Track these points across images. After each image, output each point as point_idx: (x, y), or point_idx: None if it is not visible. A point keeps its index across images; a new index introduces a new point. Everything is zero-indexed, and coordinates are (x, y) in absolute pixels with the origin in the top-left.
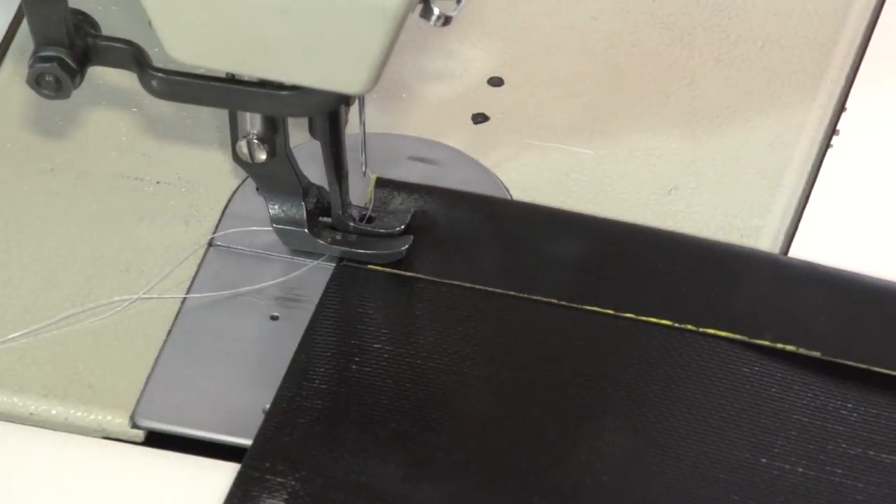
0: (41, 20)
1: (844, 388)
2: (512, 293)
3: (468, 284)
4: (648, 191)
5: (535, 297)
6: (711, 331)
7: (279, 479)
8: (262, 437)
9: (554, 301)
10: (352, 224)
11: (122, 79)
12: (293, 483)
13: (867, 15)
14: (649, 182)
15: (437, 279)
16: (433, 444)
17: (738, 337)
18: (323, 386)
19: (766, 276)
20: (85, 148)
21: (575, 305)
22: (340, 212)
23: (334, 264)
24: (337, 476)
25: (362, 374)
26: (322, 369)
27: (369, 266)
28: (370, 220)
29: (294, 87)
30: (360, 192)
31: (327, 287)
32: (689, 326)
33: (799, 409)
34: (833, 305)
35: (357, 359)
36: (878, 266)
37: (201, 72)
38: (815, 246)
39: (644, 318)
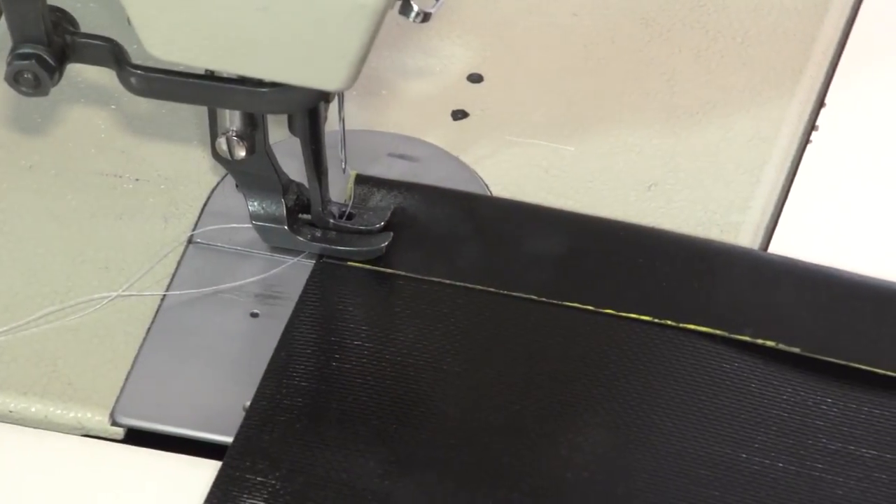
0: (19, 17)
1: (824, 383)
2: (492, 290)
3: (448, 281)
4: (628, 187)
5: (515, 294)
6: (692, 326)
7: (259, 478)
8: (243, 435)
9: (534, 297)
10: (331, 221)
11: (101, 76)
12: (273, 482)
13: (846, 10)
14: (629, 178)
15: (417, 276)
16: (414, 441)
17: (718, 332)
18: (303, 383)
19: (746, 272)
20: (64, 145)
21: (555, 302)
22: (320, 209)
23: (314, 261)
24: (317, 474)
25: (342, 372)
26: (302, 366)
27: (349, 263)
28: (350, 216)
29: (273, 84)
30: (339, 189)
31: (307, 284)
32: (670, 322)
33: (779, 404)
34: (813, 301)
35: (337, 356)
36: (857, 262)
37: (180, 69)
38: (794, 241)
39: (624, 315)
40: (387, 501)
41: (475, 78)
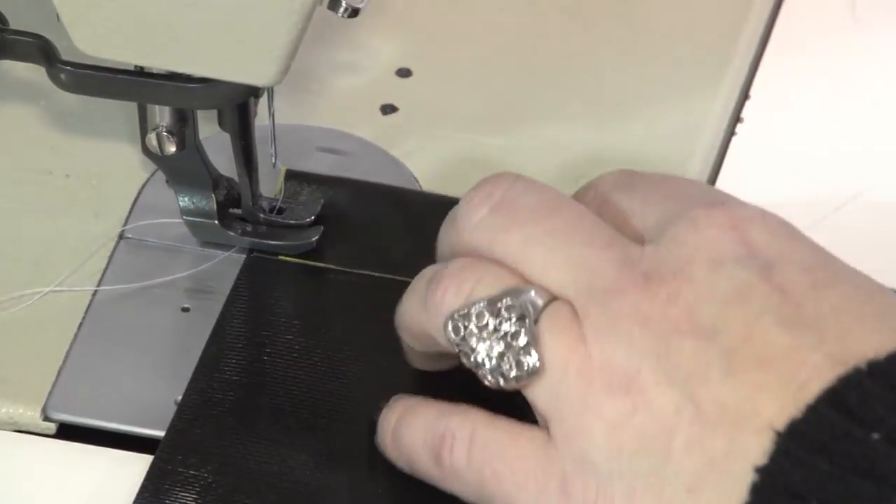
0: None
1: None
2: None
3: (378, 274)
4: (556, 180)
5: None
6: None
7: (192, 472)
8: (174, 429)
9: None
10: (262, 215)
11: (30, 72)
12: (206, 475)
13: (769, 5)
14: (557, 171)
15: (348, 269)
16: (345, 434)
17: None
18: (234, 377)
19: None
20: None
21: None
22: (251, 203)
23: (245, 255)
24: (250, 467)
25: (274, 366)
26: (233, 361)
27: (280, 257)
28: (280, 211)
29: (202, 80)
30: (270, 184)
31: (238, 278)
32: None
33: None
34: None
35: (269, 350)
36: None
37: (110, 65)
38: None
39: None
40: (319, 494)
41: (404, 72)
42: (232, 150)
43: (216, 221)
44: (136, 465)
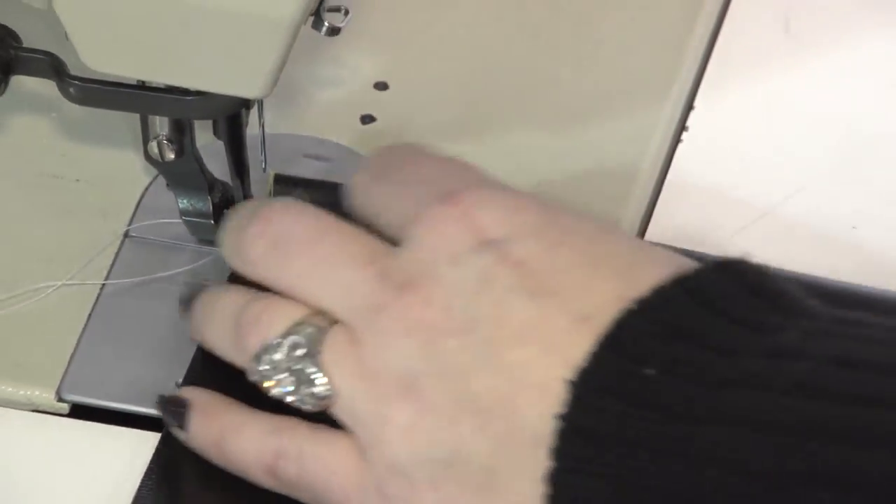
0: None
1: None
2: None
3: None
4: (518, 183)
5: None
6: None
7: (195, 451)
8: None
9: None
10: None
11: (43, 87)
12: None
13: (711, 24)
14: (518, 175)
15: None
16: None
17: None
18: (227, 363)
19: None
20: (10, 150)
21: None
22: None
23: None
24: None
25: None
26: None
27: None
28: None
29: (198, 93)
30: (260, 187)
31: (231, 272)
32: None
33: None
34: None
35: None
36: (724, 245)
37: (114, 79)
38: (668, 229)
39: None
40: None
41: (381, 86)
42: (226, 156)
43: (212, 221)
44: (142, 442)
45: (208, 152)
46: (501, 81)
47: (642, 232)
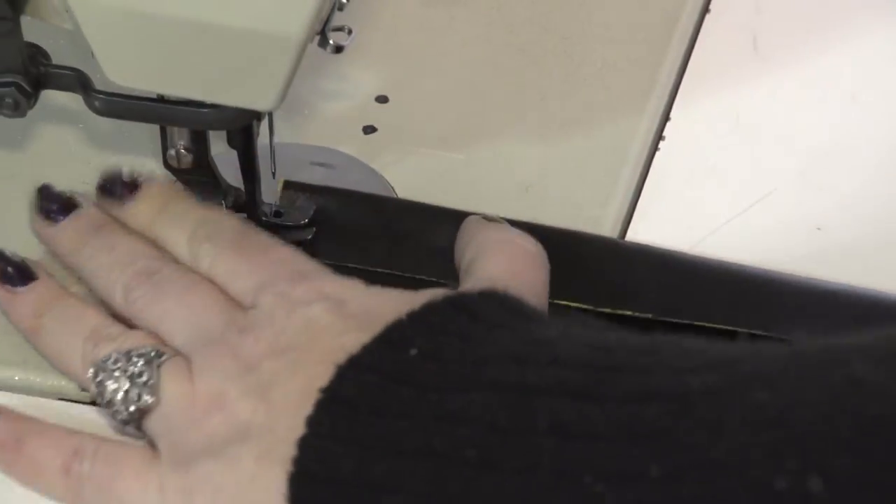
0: (4, 52)
1: None
2: (397, 273)
3: (361, 267)
4: (508, 188)
5: (414, 277)
6: (563, 302)
7: None
8: None
9: (435, 280)
10: (264, 218)
11: (69, 100)
12: None
13: (685, 42)
14: (509, 181)
15: (332, 262)
16: None
17: (582, 306)
18: None
19: (605, 256)
20: (39, 159)
21: (442, 281)
22: (256, 209)
23: None
24: None
25: None
26: None
27: None
28: (279, 214)
29: (213, 106)
30: (271, 192)
31: None
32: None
33: None
34: (659, 277)
35: None
36: (699, 245)
37: (136, 93)
38: (646, 231)
39: None
40: None
41: (382, 99)
42: (239, 164)
43: None
44: None
45: (222, 161)
46: (493, 95)
47: (623, 233)
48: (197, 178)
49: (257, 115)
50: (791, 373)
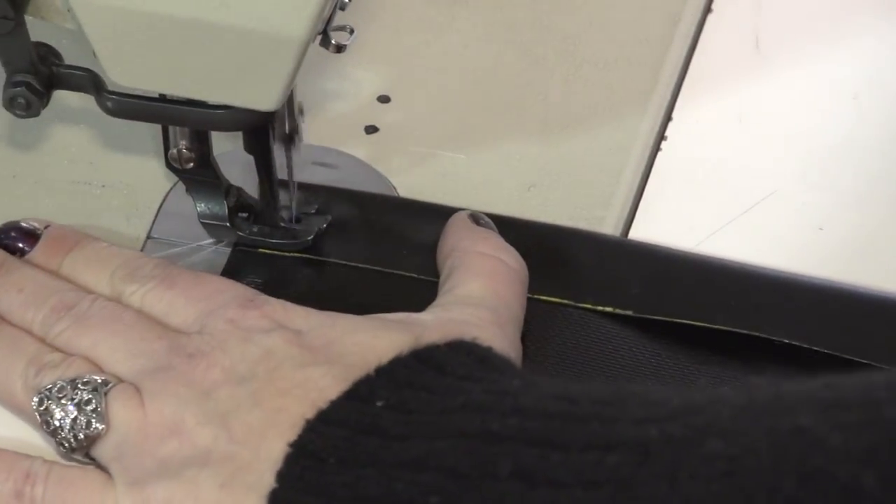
0: (13, 52)
1: (656, 341)
2: (399, 273)
3: (362, 266)
4: (511, 188)
5: (419, 277)
6: (566, 301)
7: None
8: None
9: (436, 280)
10: (282, 224)
11: (72, 99)
12: None
13: (688, 41)
14: (512, 181)
15: (336, 261)
16: None
17: (584, 305)
18: None
19: (608, 255)
20: (42, 158)
21: (434, 279)
22: (274, 213)
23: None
24: None
25: None
26: None
27: (259, 250)
28: (298, 220)
29: (216, 106)
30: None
31: (226, 266)
32: (541, 297)
33: (617, 360)
34: (662, 277)
35: None
36: (701, 245)
37: (139, 94)
38: (648, 230)
39: None
40: None
41: (384, 99)
42: (244, 165)
43: (228, 224)
44: None
45: (224, 160)
46: (494, 95)
47: (626, 232)
48: (198, 177)
49: (264, 118)
50: (743, 421)
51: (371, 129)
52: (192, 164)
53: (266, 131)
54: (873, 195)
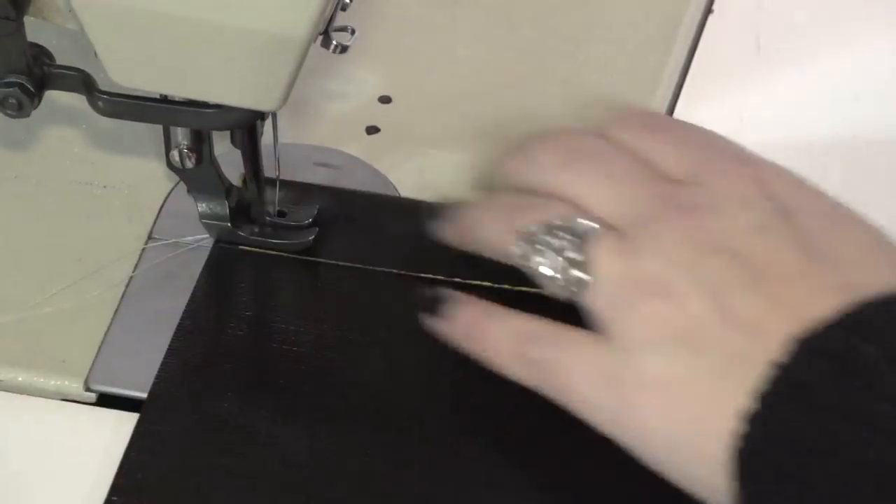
0: (4, 52)
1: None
2: (401, 273)
3: (362, 266)
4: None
5: (421, 276)
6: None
7: (168, 428)
8: (153, 394)
9: (441, 278)
10: (268, 218)
11: (73, 100)
12: (181, 432)
13: (689, 41)
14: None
15: (335, 262)
16: (300, 392)
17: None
18: (206, 348)
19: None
20: (43, 159)
21: (444, 279)
22: (260, 208)
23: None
24: (221, 418)
25: (237, 337)
26: (205, 335)
27: (241, 247)
28: (282, 214)
29: (217, 106)
30: (273, 192)
31: (206, 264)
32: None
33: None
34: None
35: (232, 323)
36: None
37: (139, 93)
38: None
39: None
40: (276, 441)
41: (385, 99)
42: (242, 164)
43: (229, 224)
44: None
45: (225, 160)
46: (496, 96)
47: None
48: (199, 177)
49: (261, 116)
50: None
51: (372, 130)
52: (193, 165)
53: (254, 127)
54: (874, 195)
